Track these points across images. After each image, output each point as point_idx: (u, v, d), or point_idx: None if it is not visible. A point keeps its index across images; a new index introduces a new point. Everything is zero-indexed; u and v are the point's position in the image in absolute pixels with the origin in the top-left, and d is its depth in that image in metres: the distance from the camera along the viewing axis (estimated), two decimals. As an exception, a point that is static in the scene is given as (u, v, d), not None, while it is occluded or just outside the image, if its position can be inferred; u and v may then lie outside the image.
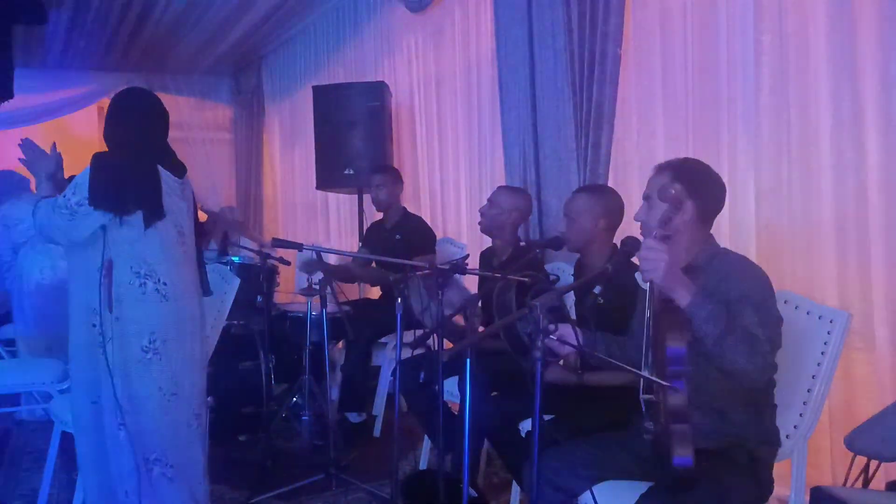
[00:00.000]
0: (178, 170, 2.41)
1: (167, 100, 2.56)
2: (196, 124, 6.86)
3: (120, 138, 2.39)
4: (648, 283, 1.76)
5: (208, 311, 2.65)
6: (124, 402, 2.26)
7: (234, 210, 5.63)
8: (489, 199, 3.09)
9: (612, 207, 2.60)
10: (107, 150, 2.37)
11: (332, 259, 4.14)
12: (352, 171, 4.30)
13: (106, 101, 6.54)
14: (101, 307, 2.25)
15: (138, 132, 2.38)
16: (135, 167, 2.31)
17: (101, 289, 2.25)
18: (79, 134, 7.02)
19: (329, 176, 4.50)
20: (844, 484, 1.43)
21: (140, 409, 2.27)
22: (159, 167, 2.33)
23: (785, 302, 2.00)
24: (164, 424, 2.30)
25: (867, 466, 1.44)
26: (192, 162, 5.50)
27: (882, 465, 1.44)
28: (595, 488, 1.81)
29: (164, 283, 2.30)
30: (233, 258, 3.73)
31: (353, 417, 3.67)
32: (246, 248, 3.78)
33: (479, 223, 3.12)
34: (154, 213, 2.28)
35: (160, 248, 2.31)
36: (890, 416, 1.50)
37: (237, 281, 2.93)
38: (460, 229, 4.28)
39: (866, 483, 1.42)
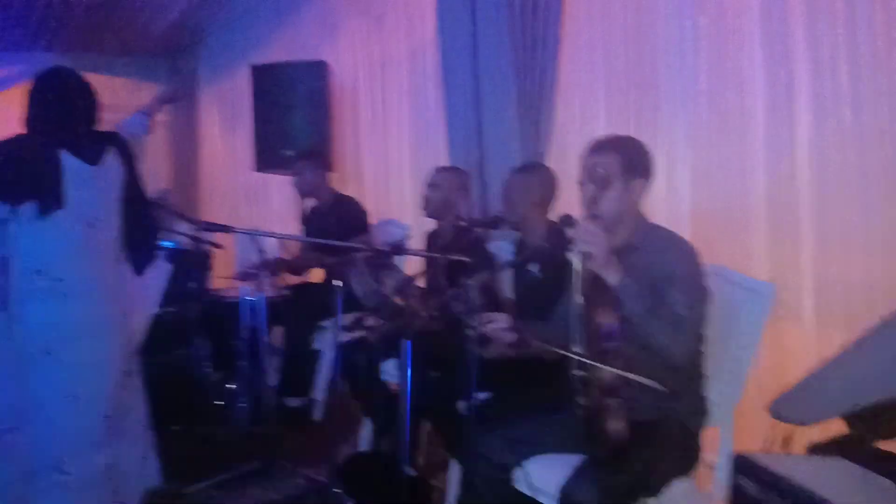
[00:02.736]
0: (93, 156, 2.25)
1: (100, 81, 2.42)
2: (130, 106, 6.61)
3: (30, 122, 2.25)
4: (580, 262, 1.76)
5: (137, 298, 2.54)
6: (18, 404, 2.15)
7: (167, 193, 5.46)
8: (431, 183, 3.06)
9: (547, 184, 2.62)
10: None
11: (270, 245, 4.04)
12: (292, 153, 4.20)
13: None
14: None
15: (47, 115, 2.24)
16: (31, 154, 2.16)
17: None
18: (8, 118, 6.70)
19: (268, 158, 4.41)
20: (767, 449, 1.46)
21: (36, 413, 2.16)
22: (64, 154, 2.18)
23: (716, 275, 2.03)
24: (61, 429, 2.18)
25: (789, 432, 1.47)
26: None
27: (803, 429, 1.48)
28: (529, 462, 1.81)
29: (61, 280, 2.17)
30: (166, 243, 3.59)
31: (293, 402, 3.61)
32: (180, 232, 3.65)
33: (424, 209, 3.09)
34: (49, 203, 2.13)
35: (58, 243, 2.18)
36: (812, 384, 1.54)
37: (168, 267, 2.83)
38: (403, 210, 4.25)
39: (788, 448, 1.46)
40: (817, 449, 1.43)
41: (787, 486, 1.23)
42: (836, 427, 1.43)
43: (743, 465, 1.33)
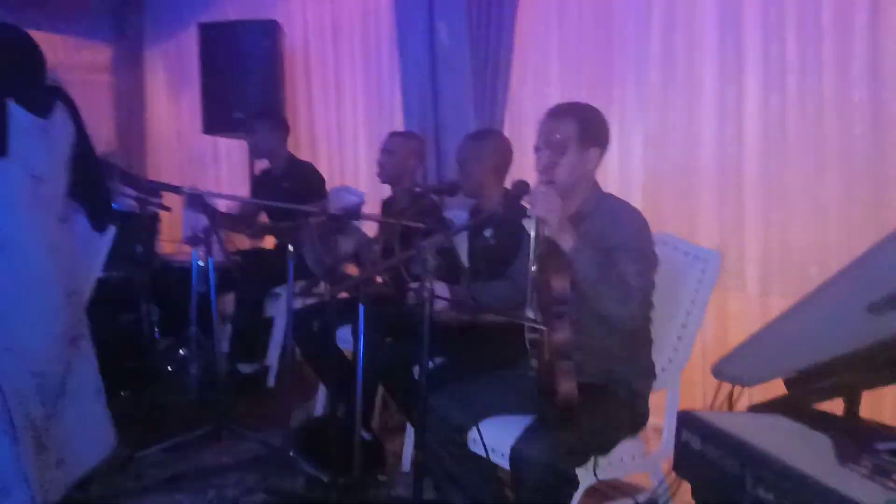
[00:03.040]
0: (41, 109, 2.20)
1: (43, 38, 2.35)
2: (72, 65, 6.33)
3: None
4: (534, 227, 1.77)
5: (81, 262, 2.47)
6: None
7: (114, 155, 5.28)
8: (385, 149, 3.03)
9: (500, 150, 2.61)
10: None
11: (222, 209, 3.96)
12: (242, 115, 4.08)
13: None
14: None
15: None
16: None
17: None
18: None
19: (217, 119, 4.26)
20: (711, 409, 1.51)
21: None
22: (11, 104, 2.14)
23: (664, 243, 2.08)
24: None
25: (731, 393, 1.52)
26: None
27: (745, 390, 1.53)
28: (482, 424, 1.84)
29: (0, 229, 2.13)
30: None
31: (245, 368, 3.58)
32: (125, 194, 3.54)
33: (378, 174, 3.06)
34: None
35: (1, 191, 2.13)
36: (752, 345, 1.59)
37: (113, 229, 2.74)
38: (358, 176, 4.21)
39: (730, 408, 1.51)
40: (758, 408, 1.48)
41: (730, 440, 1.27)
42: (776, 388, 1.49)
43: (687, 421, 1.37)
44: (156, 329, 3.47)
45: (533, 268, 1.79)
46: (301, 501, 2.44)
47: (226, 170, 5.34)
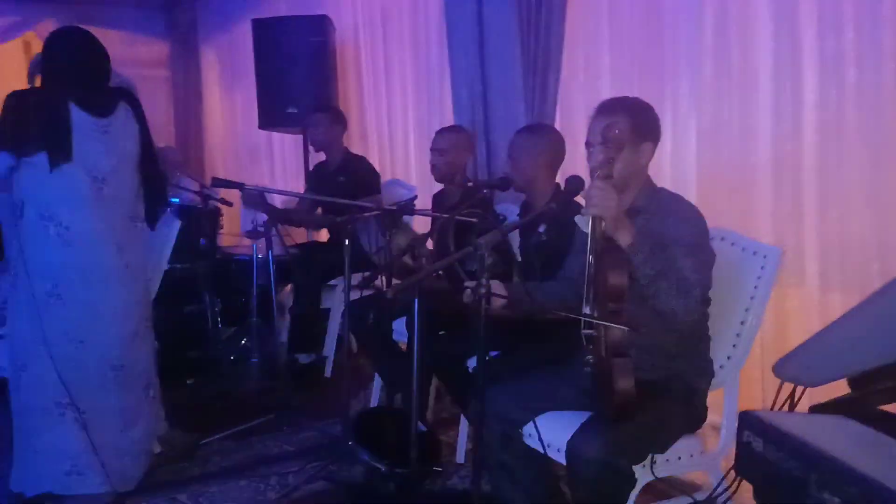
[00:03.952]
0: (101, 110, 2.30)
1: (96, 34, 2.43)
2: (128, 60, 6.52)
3: (44, 77, 2.31)
4: (590, 223, 1.78)
5: (149, 255, 2.59)
6: (33, 344, 2.24)
7: (172, 150, 5.44)
8: (435, 149, 3.05)
9: (554, 146, 2.61)
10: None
11: (278, 203, 4.06)
12: (295, 110, 4.17)
13: (31, 35, 6.19)
14: (8, 249, 2.26)
15: (57, 70, 2.30)
16: (42, 107, 2.22)
17: (8, 231, 2.26)
18: (6, 69, 6.61)
19: (272, 115, 4.37)
20: (772, 409, 1.51)
21: (45, 353, 2.25)
22: (73, 107, 2.23)
23: (721, 238, 2.06)
24: (68, 370, 2.27)
25: (793, 393, 1.52)
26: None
27: (807, 390, 1.53)
28: (538, 419, 1.86)
29: (67, 228, 2.25)
30: (173, 200, 3.62)
31: (303, 359, 3.68)
32: (187, 188, 3.66)
33: (433, 174, 3.09)
34: (59, 155, 2.21)
35: (65, 193, 2.25)
36: (815, 345, 1.58)
37: (178, 223, 2.86)
38: (409, 170, 4.25)
39: (792, 408, 1.51)
40: (820, 409, 1.47)
41: (793, 441, 1.25)
42: (838, 389, 1.48)
43: (749, 422, 1.36)
44: (218, 320, 3.59)
45: (590, 264, 1.80)
46: (360, 490, 2.51)
47: (280, 164, 5.45)
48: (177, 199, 3.66)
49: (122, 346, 2.38)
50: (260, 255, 3.31)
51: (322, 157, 3.92)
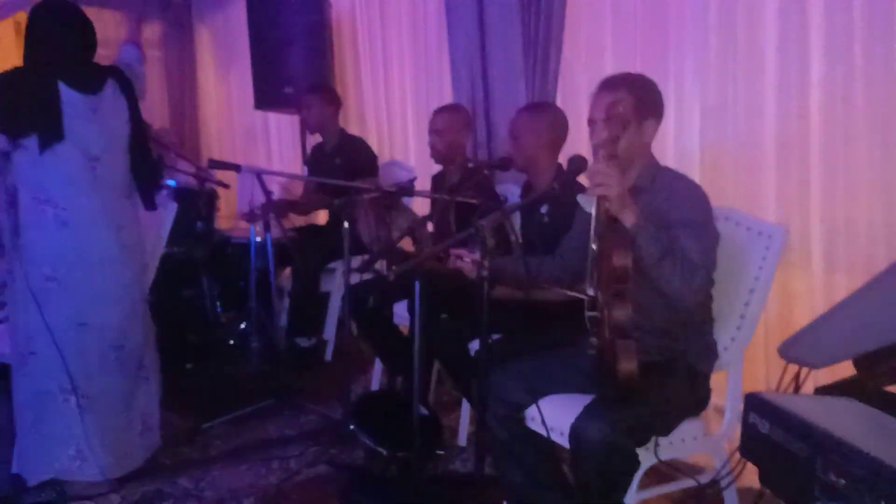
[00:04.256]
0: (90, 88, 2.26)
1: (90, 14, 2.39)
2: (121, 40, 6.44)
3: (27, 55, 2.26)
4: (595, 203, 1.75)
5: (146, 236, 2.56)
6: (33, 329, 2.23)
7: (167, 132, 5.38)
8: (433, 129, 3.01)
9: (555, 124, 2.58)
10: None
11: (276, 187, 4.02)
12: (292, 90, 4.11)
13: (22, 16, 6.10)
14: (5, 234, 2.22)
15: (43, 48, 2.25)
16: (30, 87, 2.18)
17: (3, 215, 2.21)
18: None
19: (268, 95, 4.30)
20: (777, 390, 1.50)
21: (47, 338, 2.23)
22: (62, 85, 2.19)
23: (726, 218, 2.04)
24: (71, 354, 2.26)
25: (798, 374, 1.51)
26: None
27: (812, 372, 1.51)
28: (541, 402, 1.85)
29: (64, 209, 2.22)
30: (169, 182, 3.58)
31: (303, 342, 3.66)
32: (183, 171, 3.62)
33: (432, 156, 3.06)
34: (50, 135, 2.17)
35: (60, 173, 2.22)
36: (821, 327, 1.57)
37: (174, 206, 2.82)
38: (407, 151, 4.20)
39: (797, 389, 1.50)
40: (826, 391, 1.46)
41: (798, 423, 1.25)
42: (843, 370, 1.47)
43: (755, 404, 1.36)
44: (217, 304, 3.58)
45: (593, 245, 1.77)
46: (362, 474, 2.51)
47: (276, 145, 5.40)
48: (173, 182, 3.63)
49: (122, 327, 2.37)
50: (258, 239, 3.28)
51: (319, 138, 3.87)
